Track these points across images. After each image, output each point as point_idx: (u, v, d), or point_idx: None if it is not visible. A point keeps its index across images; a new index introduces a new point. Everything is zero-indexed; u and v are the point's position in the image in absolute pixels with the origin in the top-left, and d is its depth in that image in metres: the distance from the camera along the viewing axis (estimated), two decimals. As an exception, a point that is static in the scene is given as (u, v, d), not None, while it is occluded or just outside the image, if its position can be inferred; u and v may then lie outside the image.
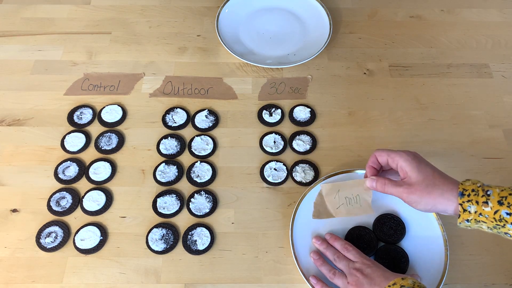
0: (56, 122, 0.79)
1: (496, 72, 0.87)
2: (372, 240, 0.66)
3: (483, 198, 0.52)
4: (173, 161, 0.75)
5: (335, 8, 0.98)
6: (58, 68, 0.86)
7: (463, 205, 0.53)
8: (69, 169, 0.73)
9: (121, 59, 0.88)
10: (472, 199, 0.53)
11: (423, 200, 0.56)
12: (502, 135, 0.79)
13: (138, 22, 0.95)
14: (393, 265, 0.63)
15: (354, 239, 0.66)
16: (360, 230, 0.67)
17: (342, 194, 0.67)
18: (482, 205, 0.52)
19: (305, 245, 0.66)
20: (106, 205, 0.70)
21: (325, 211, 0.67)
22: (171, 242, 0.67)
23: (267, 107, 0.82)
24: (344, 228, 0.67)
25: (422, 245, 0.66)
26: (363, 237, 0.66)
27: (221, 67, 0.88)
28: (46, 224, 0.68)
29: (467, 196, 0.53)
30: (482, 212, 0.52)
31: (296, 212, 0.68)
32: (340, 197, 0.67)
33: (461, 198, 0.53)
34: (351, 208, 0.66)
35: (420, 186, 0.56)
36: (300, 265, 0.63)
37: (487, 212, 0.52)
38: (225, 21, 0.93)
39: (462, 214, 0.53)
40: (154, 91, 0.84)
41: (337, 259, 0.62)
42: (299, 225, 0.67)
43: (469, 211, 0.53)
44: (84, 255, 0.66)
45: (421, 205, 0.56)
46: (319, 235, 0.66)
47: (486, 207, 0.52)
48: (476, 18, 0.97)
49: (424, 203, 0.56)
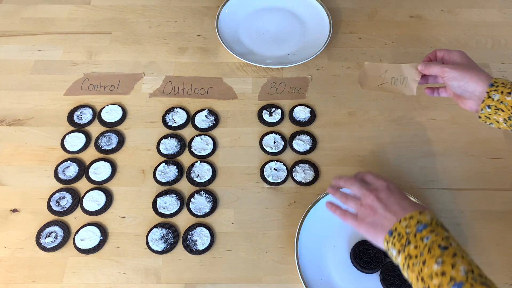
0: (56, 122, 0.79)
1: (496, 72, 0.87)
2: (378, 255, 0.65)
3: (508, 90, 0.60)
4: (173, 161, 0.75)
5: (335, 8, 0.98)
6: (58, 68, 0.86)
7: (489, 92, 0.60)
8: (69, 169, 0.73)
9: (121, 59, 0.88)
10: (498, 89, 0.60)
11: (461, 75, 0.62)
12: (502, 135, 0.79)
13: (138, 22, 0.95)
14: (400, 281, 0.63)
15: (360, 254, 0.65)
16: (366, 245, 0.66)
17: (388, 74, 0.69)
18: (505, 95, 0.59)
19: (310, 257, 0.65)
20: (106, 205, 0.70)
21: (367, 83, 0.71)
22: (171, 242, 0.67)
23: (267, 107, 0.82)
24: (349, 242, 0.67)
25: None
26: (369, 252, 0.65)
27: (221, 67, 0.88)
28: (46, 224, 0.68)
29: (495, 87, 0.60)
30: (504, 100, 0.59)
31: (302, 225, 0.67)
32: (386, 77, 0.69)
33: (489, 87, 0.61)
34: (395, 86, 0.69)
35: (463, 65, 0.63)
36: (301, 271, 0.63)
37: (507, 100, 0.59)
38: (225, 21, 0.93)
39: (486, 100, 0.60)
40: (154, 91, 0.84)
41: (351, 184, 0.60)
42: (305, 237, 0.67)
43: (492, 98, 0.60)
44: (84, 255, 0.66)
45: (457, 80, 0.62)
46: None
47: (508, 97, 0.59)
48: (476, 18, 0.97)
49: (461, 77, 0.62)
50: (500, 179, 0.74)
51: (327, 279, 0.64)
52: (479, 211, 0.71)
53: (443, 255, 0.47)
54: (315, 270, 0.64)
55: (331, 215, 0.60)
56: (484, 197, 0.73)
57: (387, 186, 0.57)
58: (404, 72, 0.69)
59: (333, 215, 0.59)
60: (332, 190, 0.61)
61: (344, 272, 0.65)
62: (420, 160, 0.77)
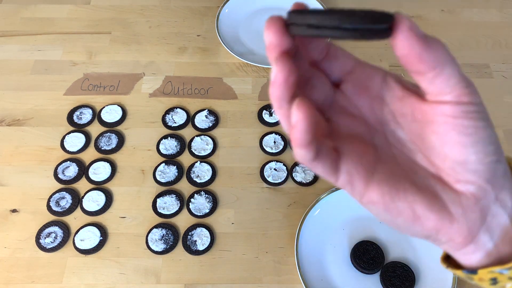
0: (56, 122, 0.79)
1: (496, 72, 0.87)
2: (378, 255, 0.65)
3: None
4: (173, 161, 0.75)
5: (336, 7, 0.98)
6: (57, 68, 0.86)
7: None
8: (68, 169, 0.73)
9: (121, 59, 0.88)
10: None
11: None
12: (503, 135, 0.79)
13: (138, 22, 0.95)
14: (400, 281, 0.63)
15: (360, 254, 0.65)
16: (366, 245, 0.66)
17: None
18: None
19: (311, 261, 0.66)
20: (105, 205, 0.70)
21: None
22: (171, 242, 0.67)
23: (267, 107, 0.82)
24: (349, 242, 0.67)
25: (430, 261, 0.65)
26: (369, 252, 0.65)
27: (221, 67, 0.88)
28: (46, 224, 0.68)
29: None
30: None
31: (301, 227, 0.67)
32: None
33: None
34: None
35: None
36: (302, 272, 0.63)
37: None
38: (225, 21, 0.93)
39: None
40: (154, 91, 0.84)
41: None
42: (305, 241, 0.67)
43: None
44: (84, 255, 0.66)
45: None
46: None
47: None
48: (476, 18, 0.97)
49: None
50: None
51: (327, 279, 0.64)
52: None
53: None
54: (315, 271, 0.64)
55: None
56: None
57: None
58: None
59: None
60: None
61: (344, 273, 0.65)
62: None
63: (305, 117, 0.23)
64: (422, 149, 0.27)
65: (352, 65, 0.29)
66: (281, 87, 0.25)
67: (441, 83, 0.24)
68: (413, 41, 0.24)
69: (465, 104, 0.24)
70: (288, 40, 0.25)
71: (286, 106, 0.25)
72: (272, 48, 0.25)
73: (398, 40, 0.24)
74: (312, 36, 0.24)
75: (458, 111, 0.25)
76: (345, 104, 0.29)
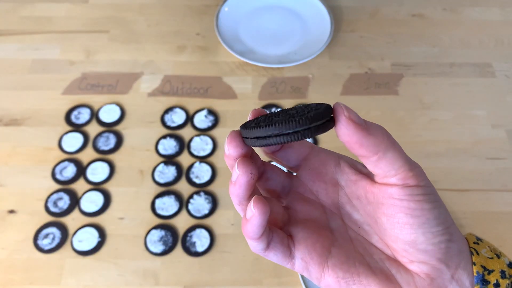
0: (54, 122, 0.78)
1: (499, 72, 0.86)
2: None
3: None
4: (172, 162, 0.74)
5: (336, 6, 0.97)
6: (55, 68, 0.85)
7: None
8: (66, 170, 0.73)
9: (119, 58, 0.87)
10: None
11: None
12: (505, 135, 0.78)
13: (137, 20, 0.94)
14: None
15: None
16: None
17: None
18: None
19: None
20: (104, 206, 0.69)
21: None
22: (170, 243, 0.66)
23: (267, 107, 0.81)
24: None
25: None
26: None
27: (220, 66, 0.87)
28: (44, 225, 0.67)
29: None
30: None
31: None
32: None
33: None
34: None
35: None
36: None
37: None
38: (225, 20, 0.92)
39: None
40: (152, 91, 0.83)
41: None
42: None
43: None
44: (82, 256, 0.65)
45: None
46: None
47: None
48: (478, 17, 0.96)
49: None
50: (503, 180, 0.73)
51: None
52: (482, 212, 0.70)
53: None
54: None
55: None
56: (487, 198, 0.72)
57: None
58: None
59: None
60: None
61: None
62: (422, 160, 0.75)
63: (259, 213, 0.25)
64: (377, 231, 0.28)
65: (307, 152, 0.31)
66: (242, 187, 0.27)
67: (386, 167, 0.26)
68: (351, 129, 0.26)
69: (410, 187, 0.25)
70: (245, 149, 0.28)
71: (245, 202, 0.28)
72: (231, 158, 0.28)
73: (338, 128, 0.26)
74: (262, 146, 0.27)
75: (404, 193, 0.25)
76: (301, 190, 0.31)
